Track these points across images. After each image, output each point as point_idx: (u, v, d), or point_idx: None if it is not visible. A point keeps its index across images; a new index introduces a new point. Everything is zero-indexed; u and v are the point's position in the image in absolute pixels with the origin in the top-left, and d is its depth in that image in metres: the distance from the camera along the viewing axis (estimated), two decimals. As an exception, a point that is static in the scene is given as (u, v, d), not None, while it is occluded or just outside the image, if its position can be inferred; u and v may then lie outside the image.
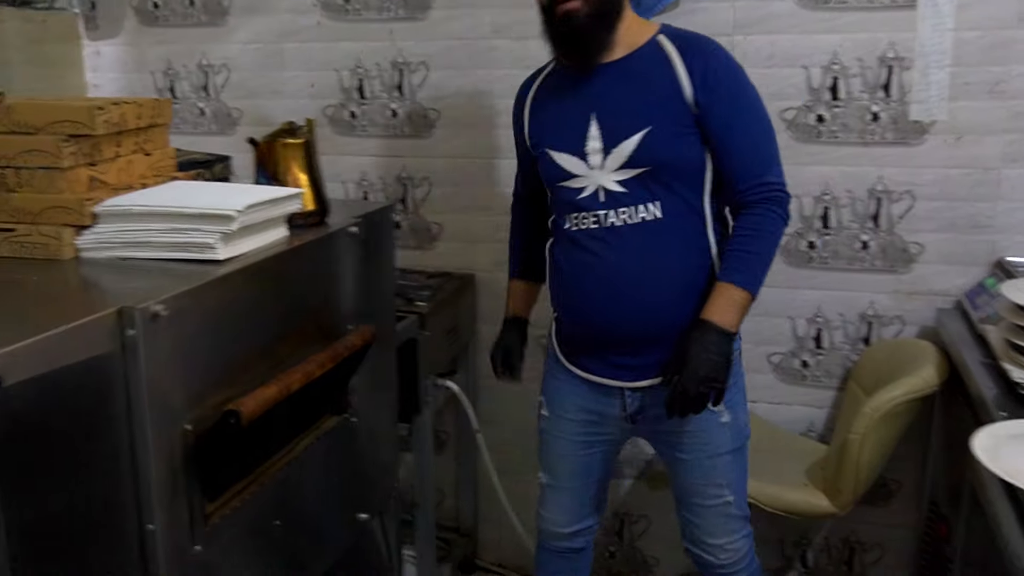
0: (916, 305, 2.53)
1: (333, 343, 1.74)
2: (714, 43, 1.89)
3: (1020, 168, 2.40)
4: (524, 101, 2.05)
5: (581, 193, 1.89)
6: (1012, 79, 2.37)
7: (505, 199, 2.77)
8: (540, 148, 1.97)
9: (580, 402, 2.05)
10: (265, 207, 1.61)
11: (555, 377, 2.09)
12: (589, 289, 1.92)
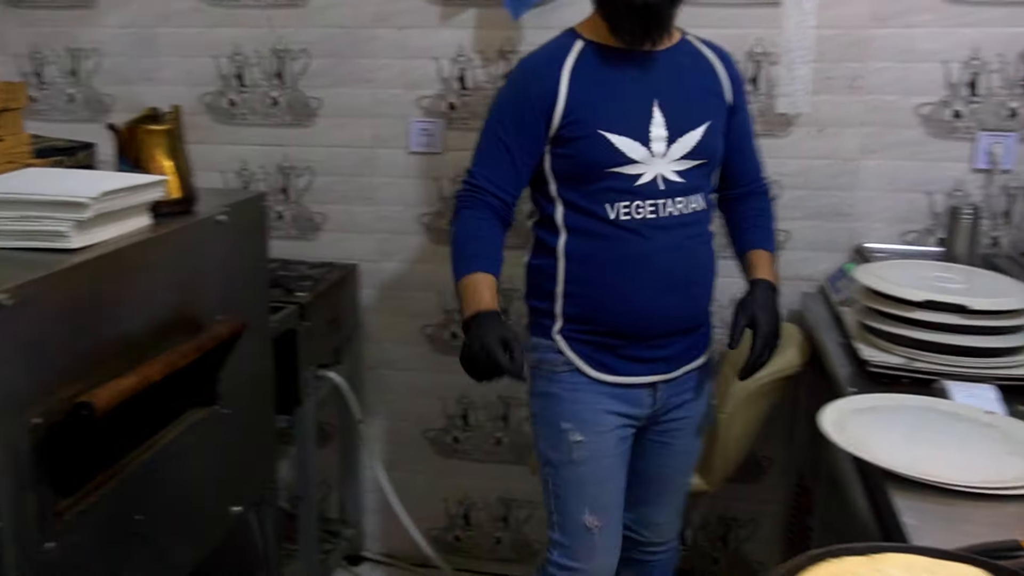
0: (784, 290, 2.59)
1: (199, 334, 1.73)
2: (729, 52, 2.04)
3: (876, 159, 2.53)
4: (557, 79, 1.85)
5: (638, 180, 1.84)
6: (869, 75, 2.49)
7: (387, 189, 2.80)
8: (588, 129, 1.83)
9: (616, 408, 1.94)
10: (124, 194, 1.58)
11: (578, 391, 1.93)
12: (649, 277, 1.87)
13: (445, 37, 2.67)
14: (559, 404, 1.94)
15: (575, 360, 1.92)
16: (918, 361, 1.93)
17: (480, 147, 1.94)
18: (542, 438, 2.00)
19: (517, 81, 1.94)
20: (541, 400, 1.98)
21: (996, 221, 2.51)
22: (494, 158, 1.90)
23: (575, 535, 1.98)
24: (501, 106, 1.93)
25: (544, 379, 1.97)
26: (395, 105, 2.75)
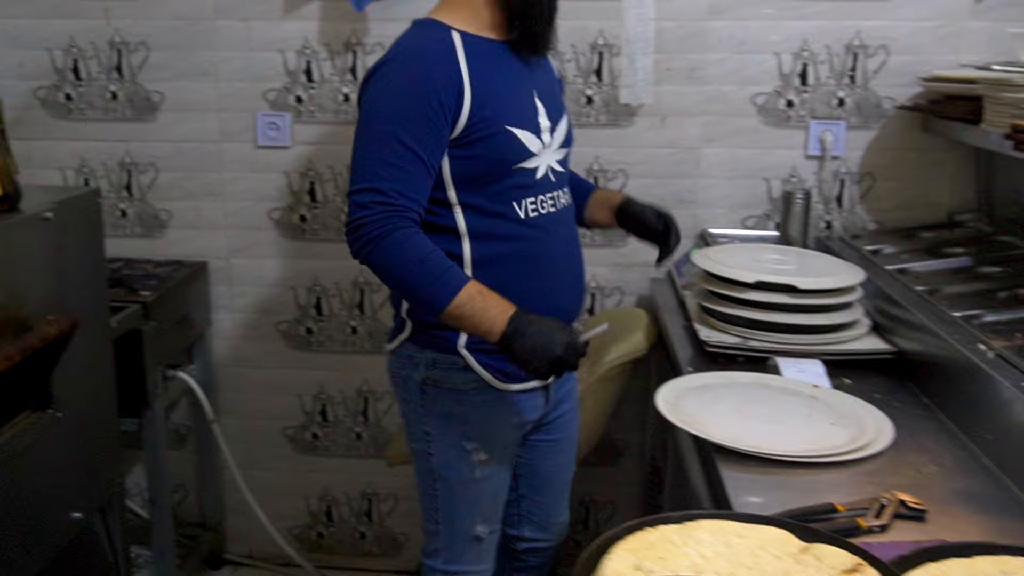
0: (633, 276, 2.72)
1: (25, 334, 1.66)
2: None
3: (716, 147, 2.62)
4: (460, 74, 1.69)
5: (536, 174, 1.77)
6: (707, 66, 2.58)
7: (234, 184, 2.75)
8: (497, 126, 1.71)
9: (516, 419, 1.88)
10: (-64, 192, 1.50)
11: (484, 408, 1.84)
12: (556, 273, 1.82)
13: (290, 29, 2.64)
14: (464, 424, 1.84)
15: (482, 373, 1.79)
16: (752, 340, 2.02)
17: (379, 159, 1.65)
18: (437, 456, 1.87)
19: (414, 78, 1.67)
20: (440, 421, 1.85)
21: (829, 205, 2.64)
22: (403, 169, 1.64)
23: (463, 544, 1.92)
24: (398, 108, 1.66)
25: (445, 398, 1.83)
26: (240, 99, 2.69)
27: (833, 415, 1.70)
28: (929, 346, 1.83)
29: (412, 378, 1.84)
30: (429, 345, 1.81)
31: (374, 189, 1.63)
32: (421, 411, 1.86)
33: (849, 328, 2.04)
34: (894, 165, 2.59)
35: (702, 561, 1.08)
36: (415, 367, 1.83)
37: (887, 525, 1.36)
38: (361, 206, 1.63)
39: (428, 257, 1.64)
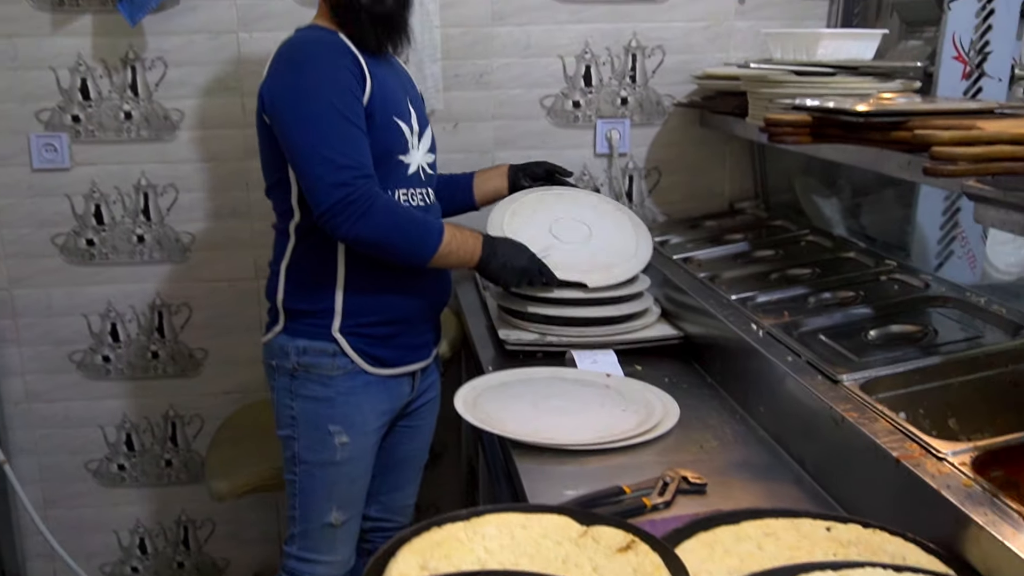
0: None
1: None
2: None
3: (509, 151, 2.69)
4: (359, 63, 1.80)
5: (410, 168, 1.91)
6: (494, 71, 2.64)
7: (12, 210, 2.60)
8: (387, 116, 1.84)
9: (382, 406, 1.98)
10: None
11: (352, 394, 1.92)
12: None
13: (61, 45, 2.51)
14: (330, 407, 1.91)
15: (354, 357, 1.90)
16: (550, 335, 2.08)
17: (334, 137, 1.72)
18: (301, 440, 1.94)
19: (330, 60, 1.77)
20: (307, 403, 1.92)
21: (620, 200, 2.75)
22: (355, 141, 1.75)
23: (317, 531, 1.98)
24: (327, 88, 1.74)
25: (313, 383, 1.91)
26: (11, 120, 2.54)
27: (624, 402, 1.78)
28: (711, 329, 1.94)
29: (283, 366, 1.93)
30: (301, 334, 1.91)
31: (344, 166, 1.71)
32: (288, 397, 1.94)
33: (640, 317, 2.14)
34: (677, 159, 2.74)
35: (487, 555, 1.11)
36: (286, 356, 1.92)
37: (671, 501, 1.43)
38: (339, 184, 1.70)
39: (407, 213, 1.82)
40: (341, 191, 1.70)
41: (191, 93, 2.57)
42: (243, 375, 2.73)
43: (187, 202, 2.64)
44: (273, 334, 1.96)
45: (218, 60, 2.55)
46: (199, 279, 2.70)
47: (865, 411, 1.37)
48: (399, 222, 1.79)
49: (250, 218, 2.65)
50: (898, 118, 1.42)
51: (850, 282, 1.94)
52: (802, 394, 1.49)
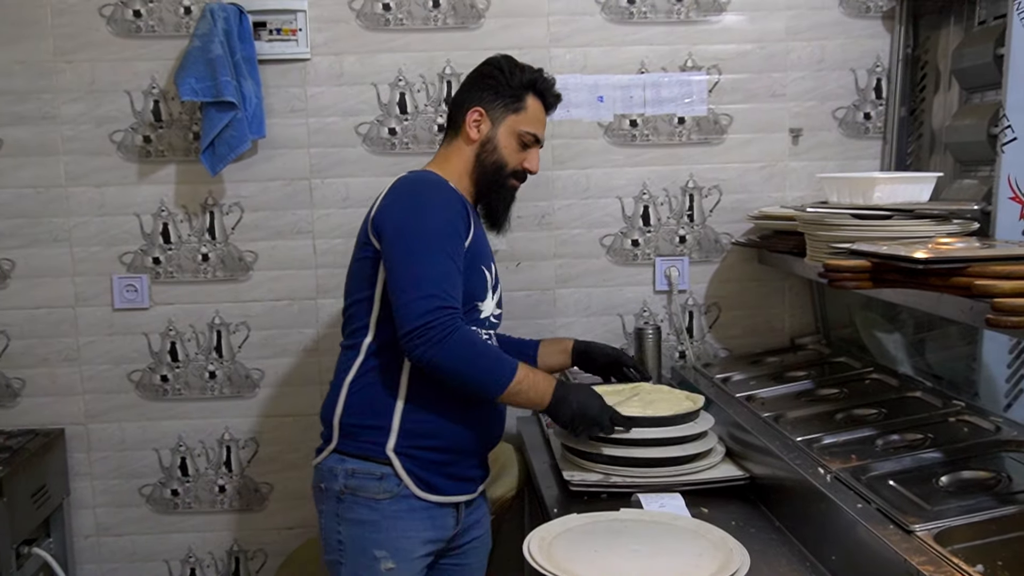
0: (502, 415, 2.77)
1: None
2: None
3: (570, 288, 2.75)
4: (469, 213, 2.00)
5: (483, 313, 2.01)
6: (555, 212, 2.74)
7: (90, 348, 2.70)
8: (479, 262, 1.99)
9: (427, 534, 1.96)
10: None
11: (398, 519, 1.93)
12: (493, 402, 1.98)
13: (145, 193, 2.67)
14: (376, 532, 1.91)
15: (404, 478, 1.91)
16: (614, 476, 2.08)
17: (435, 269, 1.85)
18: (347, 565, 1.94)
19: (446, 201, 1.95)
20: (354, 528, 1.93)
21: (680, 336, 2.78)
22: (451, 277, 1.88)
23: None
24: (439, 225, 1.90)
25: (360, 506, 1.92)
26: (96, 262, 2.69)
27: (698, 546, 1.75)
28: (777, 471, 1.93)
29: (331, 488, 1.94)
30: (354, 453, 1.94)
31: (434, 295, 1.83)
32: (335, 521, 1.95)
33: (705, 457, 2.13)
34: (737, 295, 2.77)
35: None
36: (334, 478, 1.94)
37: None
38: (427, 312, 1.81)
39: (485, 346, 1.91)
40: (429, 316, 1.81)
41: (265, 236, 2.70)
42: (308, 509, 2.75)
43: (258, 339, 2.73)
44: (324, 455, 1.98)
45: (291, 205, 2.69)
46: (267, 414, 2.76)
47: (941, 564, 1.34)
48: (476, 353, 1.87)
49: (318, 354, 2.73)
50: (957, 264, 1.44)
51: (918, 424, 1.93)
52: (875, 544, 1.47)
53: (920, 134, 2.62)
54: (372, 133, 2.69)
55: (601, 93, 2.72)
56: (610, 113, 2.72)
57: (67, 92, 2.66)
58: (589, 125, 2.73)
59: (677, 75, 2.73)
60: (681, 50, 2.72)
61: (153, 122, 2.67)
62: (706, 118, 2.73)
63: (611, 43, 2.71)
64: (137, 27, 2.64)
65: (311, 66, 2.68)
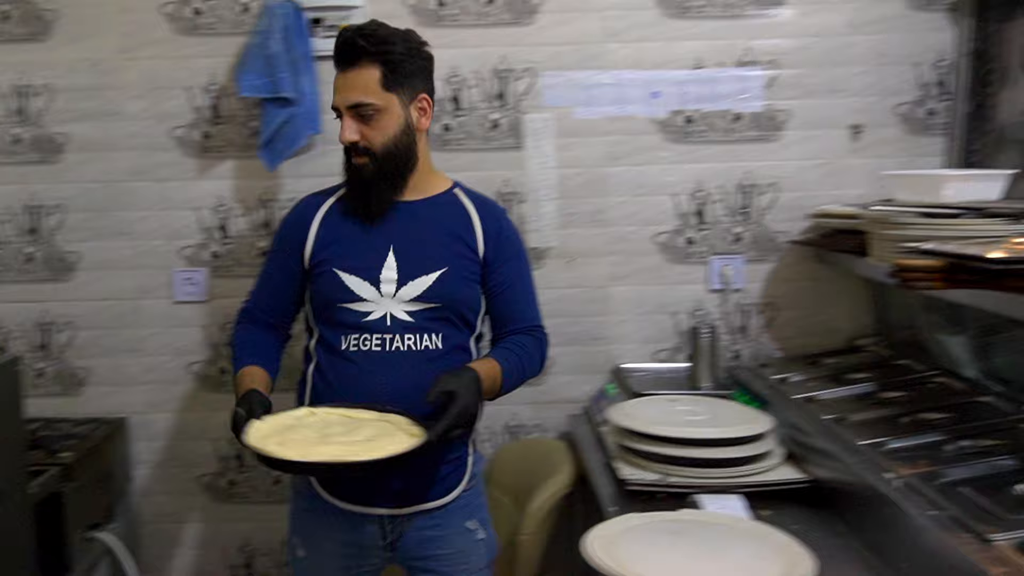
0: (552, 413, 2.78)
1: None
2: (502, 208, 2.12)
3: (623, 285, 2.74)
4: (310, 219, 2.01)
5: (368, 316, 1.92)
6: (608, 209, 2.72)
7: (152, 340, 2.75)
8: (325, 267, 1.95)
9: (339, 535, 1.96)
10: None
11: (310, 512, 1.98)
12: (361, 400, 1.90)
13: (205, 188, 2.70)
14: (295, 517, 2.03)
15: (313, 482, 1.97)
16: (672, 476, 2.07)
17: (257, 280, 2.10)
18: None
19: (284, 218, 2.09)
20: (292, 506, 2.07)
21: (735, 336, 2.75)
22: (269, 281, 2.07)
23: None
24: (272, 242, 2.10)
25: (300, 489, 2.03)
26: (157, 256, 2.73)
27: (760, 549, 1.73)
28: (841, 474, 1.90)
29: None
30: None
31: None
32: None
33: (764, 459, 2.11)
34: (793, 295, 2.74)
35: None
36: None
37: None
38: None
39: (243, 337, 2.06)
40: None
41: (322, 231, 2.71)
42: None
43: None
44: None
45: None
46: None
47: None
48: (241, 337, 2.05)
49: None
50: (1035, 266, 1.41)
51: (989, 429, 1.88)
52: (951, 554, 1.44)
53: (987, 130, 2.56)
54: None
55: (656, 89, 2.70)
56: (665, 109, 2.70)
57: (130, 89, 2.70)
58: (643, 121, 2.70)
59: (734, 70, 2.69)
60: (738, 45, 2.68)
61: (212, 118, 2.70)
62: (763, 114, 2.70)
63: (667, 38, 2.68)
64: (196, 25, 2.68)
65: (368, 62, 2.68)
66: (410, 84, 1.91)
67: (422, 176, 1.99)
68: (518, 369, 1.95)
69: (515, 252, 2.05)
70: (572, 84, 2.68)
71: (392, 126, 1.90)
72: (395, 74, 1.89)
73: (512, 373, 1.93)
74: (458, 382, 1.78)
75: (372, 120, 1.89)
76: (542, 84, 2.68)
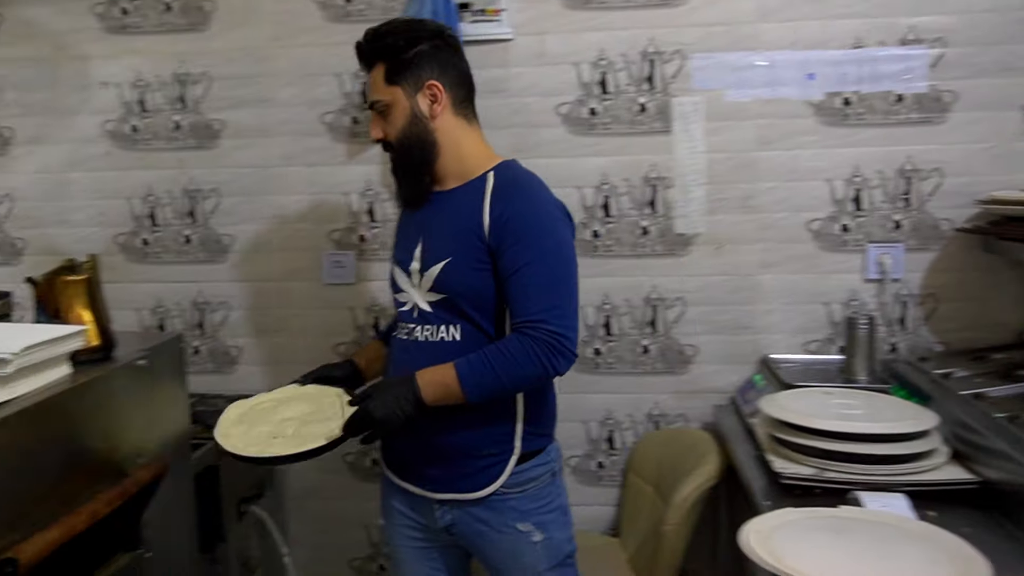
0: (696, 403, 2.72)
1: (122, 479, 1.70)
2: (529, 186, 1.91)
3: (773, 273, 2.65)
4: (401, 214, 2.10)
5: (404, 306, 1.97)
6: (759, 195, 2.63)
7: (300, 320, 2.83)
8: (392, 259, 2.05)
9: (404, 509, 2.03)
10: (45, 347, 1.58)
11: (385, 483, 2.07)
12: None
13: (353, 172, 2.76)
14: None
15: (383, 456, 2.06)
16: (829, 471, 1.99)
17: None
18: None
19: None
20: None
21: (892, 328, 2.63)
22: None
23: None
24: None
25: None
26: (307, 239, 2.80)
27: (932, 552, 1.64)
28: (1017, 476, 1.79)
29: None
30: None
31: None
32: None
33: (928, 457, 2.01)
34: (957, 286, 2.59)
35: None
36: None
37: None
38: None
39: None
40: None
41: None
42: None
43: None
44: None
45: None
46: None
47: None
48: None
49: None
50: None
51: None
52: None
53: None
54: (572, 113, 2.67)
55: (812, 70, 2.60)
56: (821, 91, 2.59)
57: (282, 76, 2.78)
58: (797, 104, 2.61)
59: (895, 49, 2.56)
60: (901, 22, 2.55)
61: (361, 104, 2.74)
62: (927, 95, 2.56)
63: (824, 16, 2.57)
64: (348, 12, 2.73)
65: (513, 46, 2.68)
66: (414, 74, 1.90)
67: (455, 162, 1.93)
68: (487, 376, 1.80)
69: (519, 238, 1.84)
70: (723, 66, 2.61)
71: (401, 118, 1.91)
72: (396, 67, 1.90)
73: (474, 379, 1.80)
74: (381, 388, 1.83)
75: (387, 116, 1.93)
76: (692, 66, 2.61)
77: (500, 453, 1.92)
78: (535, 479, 1.94)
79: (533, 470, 1.94)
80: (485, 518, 1.94)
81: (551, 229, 1.87)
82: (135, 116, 2.84)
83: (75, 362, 1.70)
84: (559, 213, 1.91)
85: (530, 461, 1.93)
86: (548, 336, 1.78)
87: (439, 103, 1.91)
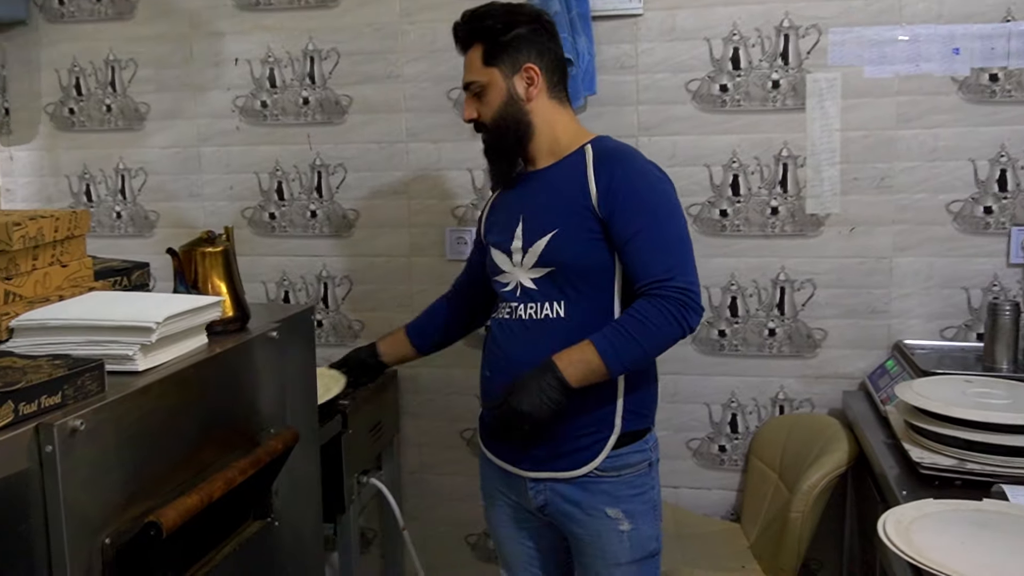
0: (823, 388, 2.65)
1: (255, 448, 1.74)
2: (629, 154, 1.95)
3: (909, 256, 2.56)
4: (487, 202, 2.17)
5: (506, 287, 1.98)
6: (896, 174, 2.54)
7: (423, 296, 2.85)
8: (487, 243, 2.07)
9: (501, 487, 2.07)
10: (184, 317, 1.62)
11: (485, 464, 2.11)
12: (490, 374, 2.01)
13: (477, 149, 2.73)
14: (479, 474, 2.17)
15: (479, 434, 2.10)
16: (970, 463, 1.91)
17: None
18: None
19: None
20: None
21: (1033, 315, 2.51)
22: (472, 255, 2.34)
23: None
24: None
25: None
26: (430, 215, 2.83)
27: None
28: None
29: None
30: None
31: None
32: None
33: (1078, 450, 1.91)
34: (1110, 273, 2.47)
35: None
36: None
37: None
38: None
39: (436, 303, 2.41)
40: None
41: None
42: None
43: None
44: None
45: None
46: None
47: None
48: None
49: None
50: None
51: None
52: None
53: None
54: (702, 90, 2.62)
55: (957, 45, 2.49)
56: (967, 67, 2.48)
57: (410, 52, 2.80)
58: (941, 80, 2.50)
59: (1050, 22, 2.44)
60: (1058, -7, 2.43)
61: (486, 80, 2.75)
62: (1083, 71, 2.43)
63: (972, -12, 2.47)
64: (475, -13, 2.73)
65: (643, 21, 2.64)
66: (511, 56, 1.95)
67: (549, 142, 1.98)
68: (627, 346, 1.80)
69: (630, 201, 1.86)
70: (862, 41, 2.52)
71: (497, 99, 1.96)
72: (494, 49, 1.94)
73: (615, 352, 1.79)
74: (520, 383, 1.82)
75: (482, 97, 1.97)
76: (829, 41, 2.53)
77: (600, 431, 1.92)
78: (631, 465, 1.93)
79: (630, 456, 1.93)
80: (577, 499, 1.94)
81: (661, 190, 1.91)
82: (264, 92, 2.90)
83: (210, 332, 1.75)
84: (661, 174, 1.96)
85: (629, 446, 1.93)
86: (677, 293, 1.79)
87: (535, 86, 1.96)
